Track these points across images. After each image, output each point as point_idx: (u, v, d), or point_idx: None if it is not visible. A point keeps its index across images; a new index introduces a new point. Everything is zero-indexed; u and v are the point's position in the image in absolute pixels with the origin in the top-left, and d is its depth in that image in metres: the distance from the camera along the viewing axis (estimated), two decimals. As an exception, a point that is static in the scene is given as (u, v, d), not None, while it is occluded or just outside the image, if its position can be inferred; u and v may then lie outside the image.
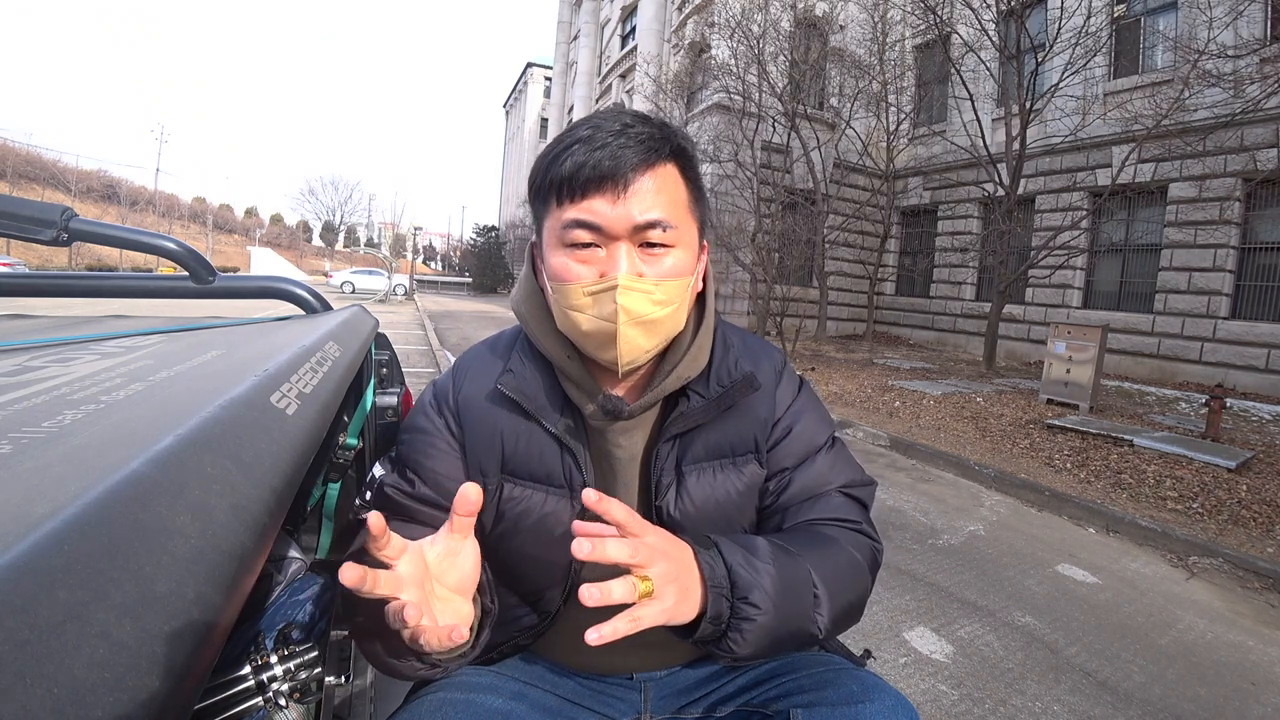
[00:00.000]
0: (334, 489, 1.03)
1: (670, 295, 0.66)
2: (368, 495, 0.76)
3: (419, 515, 0.74)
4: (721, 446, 0.75)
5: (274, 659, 0.62)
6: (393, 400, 1.12)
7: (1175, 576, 2.87)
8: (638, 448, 0.76)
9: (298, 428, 0.48)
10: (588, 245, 0.65)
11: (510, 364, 0.75)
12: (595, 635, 0.48)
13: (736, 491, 0.75)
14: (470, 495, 0.53)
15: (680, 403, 0.74)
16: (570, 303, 0.66)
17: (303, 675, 0.63)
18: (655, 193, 0.65)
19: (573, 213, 0.64)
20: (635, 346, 0.66)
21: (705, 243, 0.75)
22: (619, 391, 0.74)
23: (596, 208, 0.63)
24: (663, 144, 0.66)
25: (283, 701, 0.61)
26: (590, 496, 0.51)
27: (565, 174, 0.64)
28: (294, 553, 0.87)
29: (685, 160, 0.69)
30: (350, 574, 0.45)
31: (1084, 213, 9.33)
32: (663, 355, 0.73)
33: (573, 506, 0.72)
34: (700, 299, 0.76)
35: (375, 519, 0.48)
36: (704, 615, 0.56)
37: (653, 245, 0.66)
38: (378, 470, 0.77)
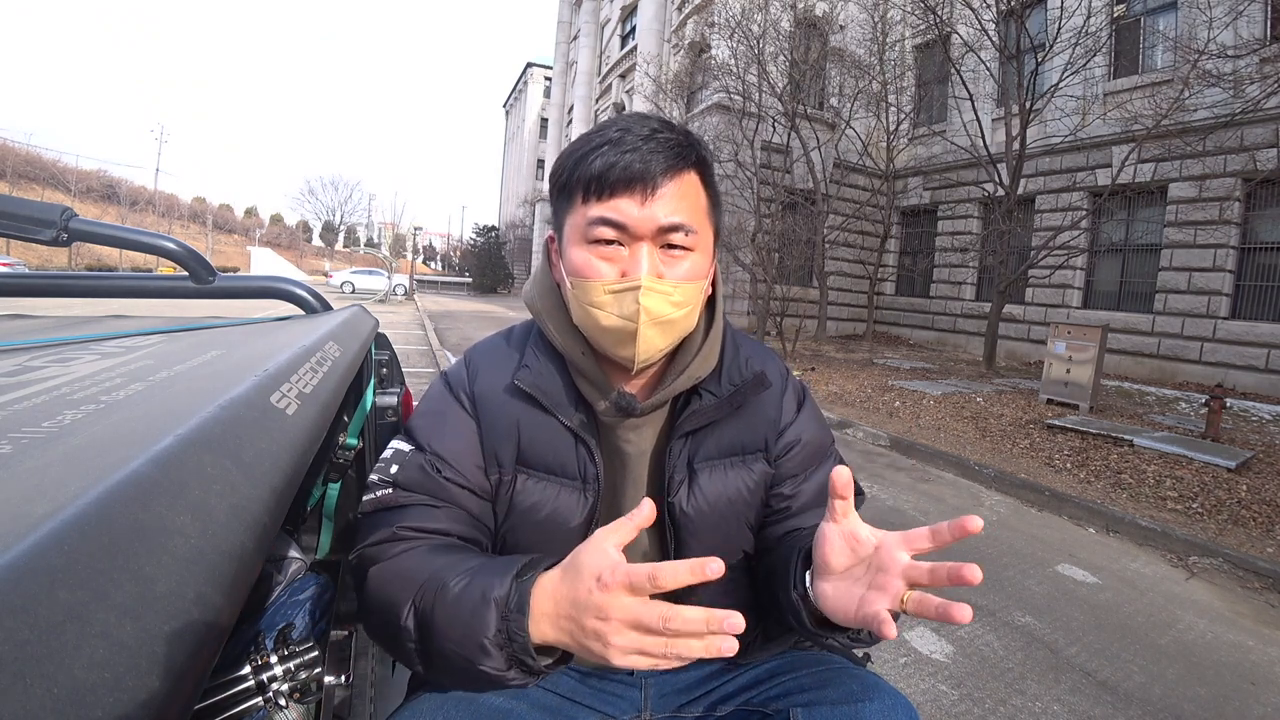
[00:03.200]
0: (334, 489, 1.03)
1: (687, 297, 0.69)
2: (376, 480, 0.75)
3: (441, 493, 0.72)
4: (734, 444, 0.77)
5: (274, 659, 0.62)
6: (393, 400, 1.12)
7: (1175, 576, 2.87)
8: (646, 444, 0.77)
9: (298, 428, 0.48)
10: (611, 243, 0.67)
11: (525, 359, 0.76)
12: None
13: (746, 489, 0.76)
14: (645, 511, 0.52)
15: (693, 401, 0.75)
16: (590, 299, 0.67)
17: (303, 675, 0.63)
18: (679, 198, 0.67)
19: (599, 210, 0.66)
20: (652, 345, 0.68)
21: (716, 249, 0.77)
22: (631, 389, 0.75)
23: (623, 208, 0.65)
24: (689, 151, 0.68)
25: (283, 701, 0.61)
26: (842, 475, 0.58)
27: (595, 173, 0.65)
28: (294, 553, 0.86)
29: (706, 169, 0.71)
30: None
31: (1084, 213, 9.32)
32: (674, 355, 0.75)
33: (584, 499, 0.73)
34: (710, 302, 0.78)
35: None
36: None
37: (674, 248, 0.68)
38: (399, 444, 0.75)
